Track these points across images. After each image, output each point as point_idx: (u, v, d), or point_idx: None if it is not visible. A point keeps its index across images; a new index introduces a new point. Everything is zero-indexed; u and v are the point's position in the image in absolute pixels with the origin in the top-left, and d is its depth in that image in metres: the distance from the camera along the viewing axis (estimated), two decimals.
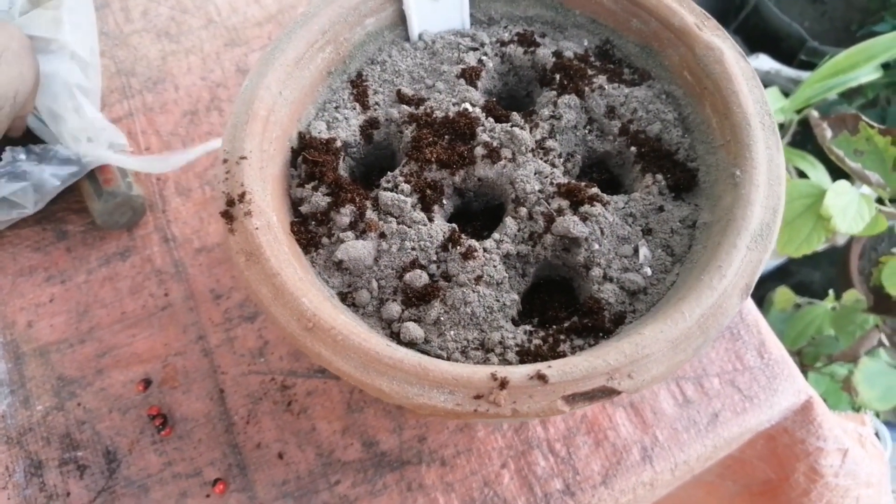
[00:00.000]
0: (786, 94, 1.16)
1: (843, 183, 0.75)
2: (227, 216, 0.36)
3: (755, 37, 1.52)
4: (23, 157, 0.56)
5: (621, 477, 0.52)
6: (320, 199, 0.39)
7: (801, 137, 1.36)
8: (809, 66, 1.37)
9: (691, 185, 0.40)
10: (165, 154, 0.59)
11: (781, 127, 1.24)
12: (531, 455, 0.52)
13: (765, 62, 1.42)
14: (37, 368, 0.56)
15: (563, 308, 0.40)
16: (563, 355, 0.35)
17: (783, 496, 0.63)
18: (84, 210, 0.62)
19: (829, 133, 0.80)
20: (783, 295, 1.03)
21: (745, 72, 0.39)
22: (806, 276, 1.50)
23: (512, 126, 0.42)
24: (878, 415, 0.96)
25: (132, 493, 0.51)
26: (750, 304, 0.58)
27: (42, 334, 0.57)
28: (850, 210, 0.73)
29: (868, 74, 1.05)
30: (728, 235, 0.34)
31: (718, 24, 0.41)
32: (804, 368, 0.95)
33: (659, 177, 0.40)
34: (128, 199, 0.59)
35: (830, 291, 1.01)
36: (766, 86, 1.16)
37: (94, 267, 0.60)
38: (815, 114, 0.84)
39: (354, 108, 0.44)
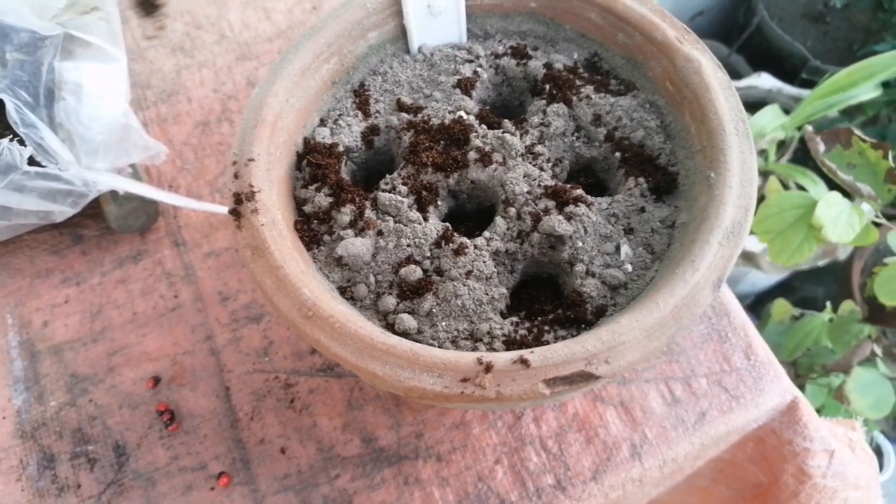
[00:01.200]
0: (787, 111, 1.18)
1: (834, 194, 0.77)
2: (236, 213, 0.38)
3: (758, 56, 1.55)
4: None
5: (611, 473, 0.53)
6: (323, 200, 0.42)
7: (802, 154, 1.38)
8: (811, 84, 1.39)
9: (671, 188, 0.42)
10: (176, 196, 0.60)
11: (782, 144, 1.26)
12: (524, 451, 0.54)
13: (767, 80, 1.44)
14: (51, 366, 0.58)
15: (548, 302, 0.42)
16: (547, 344, 0.37)
17: (773, 498, 0.64)
18: (99, 215, 0.64)
19: (822, 147, 0.82)
20: (780, 307, 1.04)
21: (721, 82, 0.41)
22: (809, 291, 1.52)
23: (503, 132, 0.44)
24: (867, 424, 0.97)
25: (140, 485, 0.54)
26: (737, 307, 0.60)
27: (57, 333, 0.60)
28: (840, 220, 0.75)
29: (868, 92, 1.06)
30: (702, 232, 0.36)
31: (698, 38, 0.44)
32: (800, 379, 0.96)
33: (641, 180, 0.43)
34: (142, 204, 0.61)
35: (828, 303, 1.02)
36: (767, 103, 1.18)
37: (108, 269, 0.63)
38: (809, 128, 0.86)
39: (357, 116, 0.47)
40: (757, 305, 1.44)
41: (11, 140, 0.51)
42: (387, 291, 0.40)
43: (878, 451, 1.13)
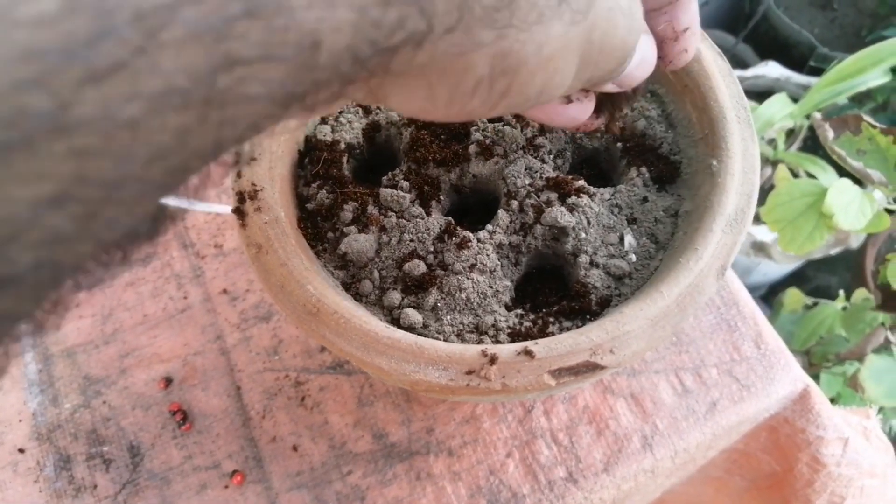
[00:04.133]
0: (795, 100, 1.17)
1: (845, 181, 0.77)
2: (239, 212, 0.39)
3: (765, 44, 1.53)
4: None
5: (622, 464, 0.53)
6: (325, 197, 0.42)
7: (812, 143, 1.37)
8: (819, 72, 1.38)
9: (674, 177, 0.42)
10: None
11: (791, 132, 1.25)
12: (535, 444, 0.54)
13: (774, 69, 1.43)
14: (65, 369, 0.59)
15: (553, 294, 0.42)
16: (552, 336, 0.37)
17: (788, 488, 0.64)
18: None
19: (831, 134, 0.82)
20: (793, 296, 1.03)
21: (721, 69, 0.41)
22: (822, 280, 1.51)
23: (504, 125, 0.44)
24: (882, 411, 0.97)
25: (155, 485, 0.54)
26: (747, 296, 0.60)
27: (69, 337, 0.60)
28: (851, 207, 0.74)
29: (877, 78, 1.05)
30: (705, 221, 0.36)
31: None
32: (814, 368, 0.96)
33: (643, 169, 0.43)
34: None
35: (841, 291, 1.01)
36: (775, 92, 1.17)
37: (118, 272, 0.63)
38: (817, 115, 0.86)
39: (357, 113, 0.47)
40: (770, 296, 1.43)
41: None
42: (391, 287, 0.40)
43: (895, 440, 1.12)
